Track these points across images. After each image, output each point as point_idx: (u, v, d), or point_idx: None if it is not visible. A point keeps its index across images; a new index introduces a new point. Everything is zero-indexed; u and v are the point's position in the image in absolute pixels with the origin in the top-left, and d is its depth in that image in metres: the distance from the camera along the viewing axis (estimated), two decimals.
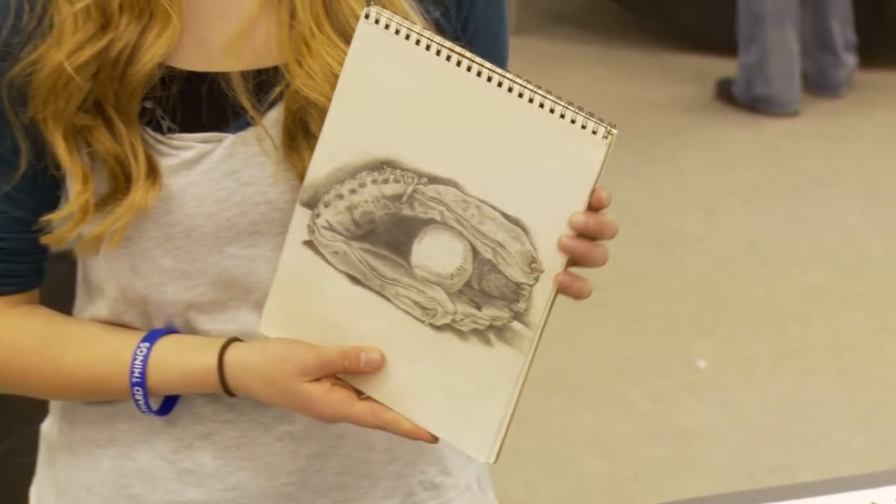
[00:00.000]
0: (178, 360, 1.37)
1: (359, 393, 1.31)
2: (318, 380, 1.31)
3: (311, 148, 1.34)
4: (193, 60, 1.36)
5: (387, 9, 1.33)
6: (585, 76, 5.42)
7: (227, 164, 1.36)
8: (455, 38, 1.35)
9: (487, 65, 1.25)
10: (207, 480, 1.43)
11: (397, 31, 1.27)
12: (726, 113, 5.21)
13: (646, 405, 3.48)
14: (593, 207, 1.23)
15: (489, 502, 1.57)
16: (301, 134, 1.34)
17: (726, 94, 5.21)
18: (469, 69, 1.25)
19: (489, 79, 1.24)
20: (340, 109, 1.30)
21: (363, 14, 1.27)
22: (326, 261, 1.32)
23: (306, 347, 1.32)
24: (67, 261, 1.51)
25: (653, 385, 3.53)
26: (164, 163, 1.35)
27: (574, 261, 1.23)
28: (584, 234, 1.23)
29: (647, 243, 4.04)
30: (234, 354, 1.35)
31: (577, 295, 1.25)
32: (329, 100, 1.33)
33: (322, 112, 1.33)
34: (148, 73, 1.32)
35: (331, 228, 1.32)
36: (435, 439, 1.30)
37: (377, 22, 1.26)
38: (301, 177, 1.34)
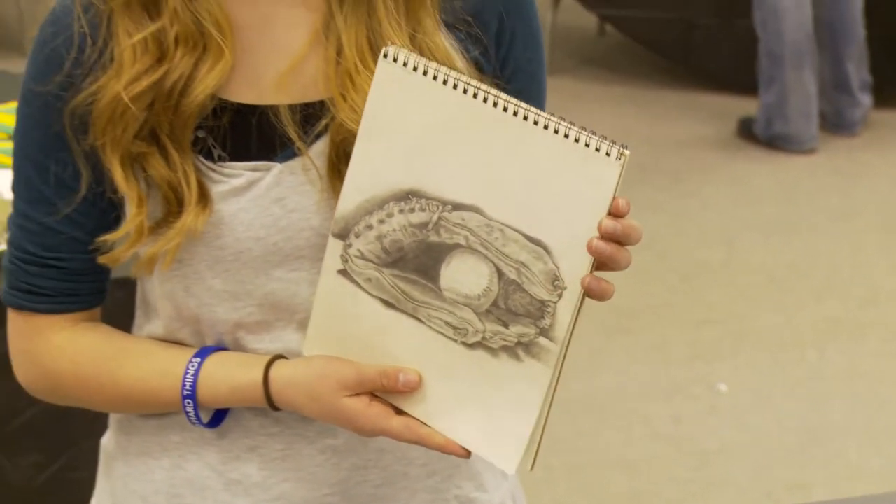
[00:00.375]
0: (227, 376, 1.38)
1: (396, 408, 1.33)
2: (357, 395, 1.32)
3: None
4: (245, 93, 1.37)
5: (429, 48, 1.35)
6: (614, 115, 5.40)
7: (274, 192, 1.37)
8: (494, 77, 1.38)
9: (503, 96, 1.26)
10: (254, 491, 1.43)
11: (415, 68, 1.28)
12: (748, 150, 5.19)
13: (669, 427, 3.48)
14: (614, 215, 1.24)
15: None
16: (344, 164, 1.34)
17: (748, 132, 5.20)
18: (485, 100, 1.26)
19: (505, 108, 1.25)
20: (365, 144, 1.31)
21: (382, 53, 1.29)
22: (361, 287, 1.34)
23: (347, 364, 1.33)
24: (124, 287, 1.53)
25: (676, 407, 3.55)
26: (215, 189, 1.36)
27: (601, 264, 1.24)
28: (612, 238, 1.23)
29: (671, 274, 4.07)
30: (279, 371, 1.36)
31: (601, 296, 1.25)
32: None
33: None
34: (201, 104, 1.34)
35: (363, 257, 1.33)
36: (467, 454, 1.30)
37: (395, 60, 1.28)
38: None
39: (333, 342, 1.36)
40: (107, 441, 1.55)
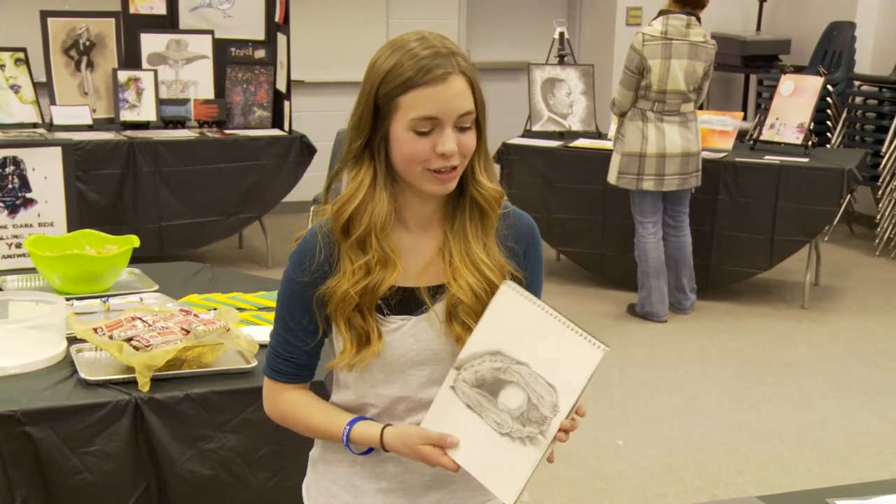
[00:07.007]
0: (363, 434, 1.53)
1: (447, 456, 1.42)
2: (429, 445, 1.45)
3: (458, 324, 1.45)
4: (402, 281, 1.50)
5: (492, 256, 1.44)
6: (565, 301, 5.58)
7: (412, 331, 1.49)
8: (521, 272, 1.50)
9: (558, 313, 1.34)
10: (382, 480, 1.59)
11: (518, 293, 1.42)
12: (632, 320, 5.52)
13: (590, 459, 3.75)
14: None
15: None
16: (454, 318, 1.47)
17: (632, 311, 5.58)
18: (546, 312, 1.37)
19: (557, 318, 1.37)
20: (482, 327, 1.42)
21: (505, 283, 1.42)
22: (458, 396, 1.41)
23: (429, 432, 1.46)
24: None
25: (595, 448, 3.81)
26: (384, 329, 1.48)
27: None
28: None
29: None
30: (388, 431, 1.51)
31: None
32: (468, 301, 1.45)
33: (465, 306, 1.44)
34: (384, 291, 1.46)
35: (465, 381, 1.40)
36: (457, 468, 1.39)
37: (509, 287, 1.42)
38: (452, 340, 1.47)
39: (439, 421, 1.44)
40: (314, 452, 1.66)
